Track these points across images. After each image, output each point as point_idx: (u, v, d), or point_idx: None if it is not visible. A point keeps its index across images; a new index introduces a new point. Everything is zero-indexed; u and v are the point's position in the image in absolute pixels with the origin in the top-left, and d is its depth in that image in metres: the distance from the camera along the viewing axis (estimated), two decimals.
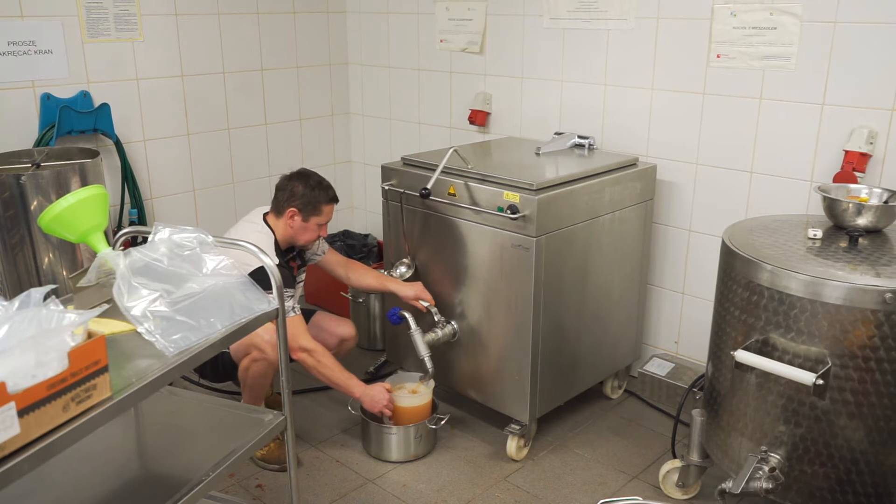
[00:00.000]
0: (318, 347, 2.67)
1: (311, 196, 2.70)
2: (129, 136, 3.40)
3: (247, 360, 2.64)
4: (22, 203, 2.74)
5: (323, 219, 2.74)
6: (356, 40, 4.17)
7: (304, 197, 2.70)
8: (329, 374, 2.68)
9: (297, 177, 2.75)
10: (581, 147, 3.18)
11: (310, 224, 2.73)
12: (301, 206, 2.70)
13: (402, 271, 2.93)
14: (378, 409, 2.75)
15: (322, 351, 2.67)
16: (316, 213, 2.72)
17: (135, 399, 1.46)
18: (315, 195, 2.71)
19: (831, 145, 2.65)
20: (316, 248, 2.96)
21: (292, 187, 2.71)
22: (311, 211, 2.71)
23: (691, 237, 3.09)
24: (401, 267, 2.94)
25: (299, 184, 2.72)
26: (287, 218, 2.71)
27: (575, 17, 3.21)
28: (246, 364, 2.65)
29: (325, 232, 2.80)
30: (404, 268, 2.93)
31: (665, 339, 3.28)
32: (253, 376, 2.65)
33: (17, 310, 1.39)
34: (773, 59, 2.71)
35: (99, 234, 1.86)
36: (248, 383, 2.68)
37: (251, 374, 2.65)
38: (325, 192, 2.73)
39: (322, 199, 2.72)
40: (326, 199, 2.74)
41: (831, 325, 1.96)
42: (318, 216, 2.72)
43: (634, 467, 2.79)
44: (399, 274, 2.92)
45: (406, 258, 2.95)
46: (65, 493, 1.72)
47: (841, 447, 2.03)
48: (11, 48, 3.00)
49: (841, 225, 2.30)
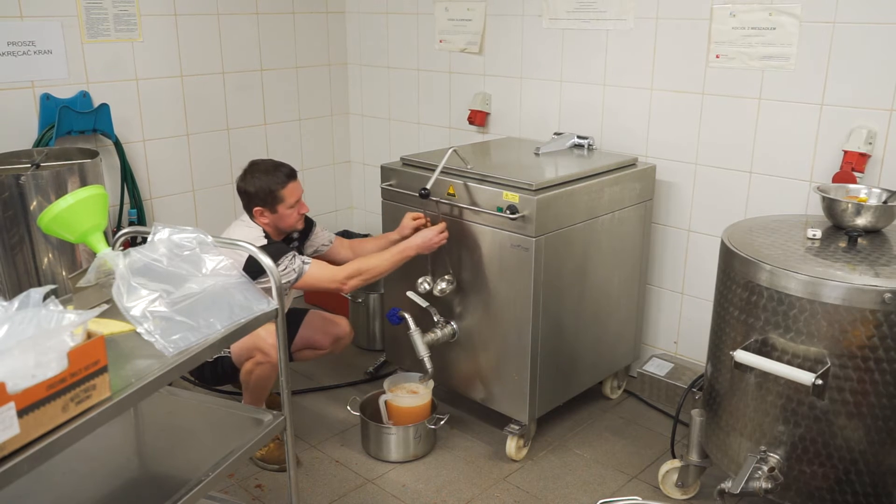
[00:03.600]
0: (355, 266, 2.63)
1: (262, 188, 2.62)
2: (128, 137, 3.40)
3: (250, 363, 2.63)
4: (21, 203, 2.74)
5: (290, 200, 2.64)
6: (355, 40, 4.17)
7: (258, 193, 2.62)
8: (383, 270, 2.66)
9: (245, 175, 2.67)
10: (580, 147, 3.18)
11: (281, 212, 2.65)
12: (262, 202, 2.63)
13: (442, 287, 2.79)
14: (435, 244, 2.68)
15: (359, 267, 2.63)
16: (278, 201, 2.63)
17: (134, 399, 1.46)
18: (265, 185, 2.62)
19: (830, 145, 2.65)
20: (319, 238, 2.92)
21: (244, 188, 2.65)
22: (273, 201, 2.63)
23: (690, 237, 3.10)
24: (441, 283, 2.80)
25: (248, 182, 2.65)
26: (259, 217, 2.67)
27: (574, 17, 3.21)
28: (249, 367, 2.64)
29: (304, 208, 2.71)
30: (445, 283, 2.79)
31: (664, 339, 3.28)
32: (256, 379, 2.64)
33: (17, 310, 1.39)
34: (773, 60, 2.71)
35: (98, 235, 1.86)
36: (251, 386, 2.68)
37: (254, 377, 2.64)
38: (274, 178, 2.62)
39: (275, 185, 2.62)
40: (280, 181, 2.63)
41: (830, 325, 1.96)
42: (284, 201, 2.64)
43: (634, 467, 2.79)
44: (440, 290, 2.79)
45: (448, 274, 2.81)
46: (64, 493, 1.72)
47: (840, 447, 2.03)
48: (11, 48, 3.00)
49: (840, 225, 2.30)
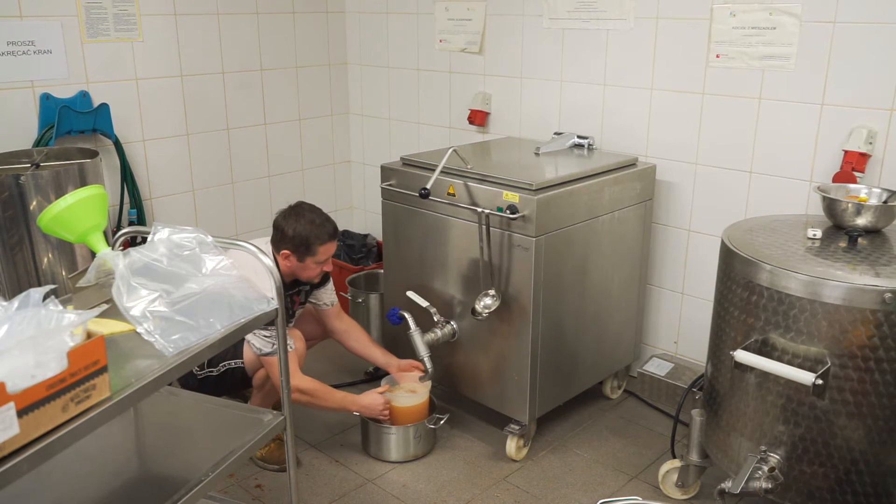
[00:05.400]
0: (313, 386, 2.63)
1: (303, 237, 2.55)
2: (128, 137, 3.40)
3: (263, 371, 2.66)
4: (21, 203, 2.74)
5: (320, 258, 2.60)
6: (355, 40, 4.17)
7: (296, 238, 2.55)
8: (325, 406, 2.70)
9: (290, 214, 2.59)
10: (580, 147, 3.18)
11: (306, 264, 2.60)
12: (293, 248, 2.57)
13: (486, 303, 2.67)
14: (375, 415, 2.78)
15: (316, 389, 2.64)
16: (310, 253, 2.58)
17: (134, 399, 1.46)
18: (308, 236, 2.56)
19: (831, 145, 2.65)
20: (326, 296, 2.90)
21: (284, 227, 2.57)
22: (305, 252, 2.57)
23: (691, 237, 3.09)
24: (486, 298, 2.67)
25: (291, 224, 2.57)
26: (282, 258, 2.59)
27: (574, 17, 3.21)
28: (264, 374, 2.67)
29: (329, 267, 2.67)
30: (490, 299, 2.67)
31: (664, 339, 3.28)
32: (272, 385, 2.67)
33: (17, 310, 1.39)
34: (773, 59, 2.71)
35: (98, 235, 1.86)
36: (266, 390, 2.71)
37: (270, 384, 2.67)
38: (319, 232, 2.57)
39: (316, 240, 2.56)
40: (321, 239, 2.57)
41: (831, 325, 1.96)
42: (314, 256, 2.59)
43: (634, 467, 2.79)
44: (484, 305, 2.66)
45: (491, 289, 2.68)
46: (64, 493, 1.72)
47: (840, 447, 2.03)
48: (11, 48, 3.00)
49: (840, 225, 2.30)
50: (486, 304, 2.68)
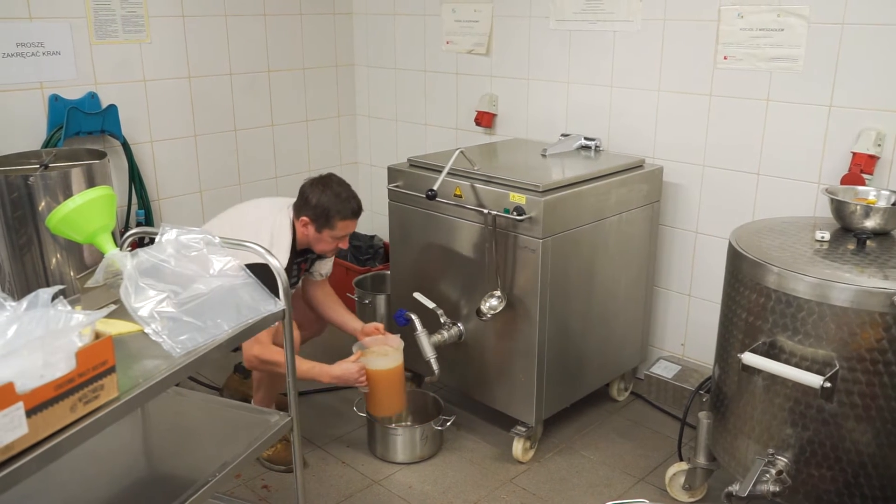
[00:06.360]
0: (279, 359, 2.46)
1: (325, 208, 2.53)
2: (136, 138, 3.41)
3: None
4: (30, 204, 2.76)
5: (338, 233, 2.58)
6: (362, 42, 4.18)
7: (318, 208, 2.53)
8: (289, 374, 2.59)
9: (318, 183, 2.57)
10: (587, 148, 3.17)
11: (323, 236, 2.58)
12: (313, 217, 2.55)
13: (492, 304, 2.66)
14: (351, 383, 2.64)
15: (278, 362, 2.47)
16: (329, 226, 2.56)
17: (142, 399, 1.47)
18: (330, 208, 2.53)
19: (839, 147, 2.64)
20: (325, 267, 2.90)
21: (308, 195, 2.56)
22: (324, 223, 2.56)
23: (698, 239, 3.09)
24: (491, 299, 2.66)
25: (316, 193, 2.55)
26: (301, 225, 2.59)
27: (581, 18, 3.21)
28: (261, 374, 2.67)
29: (345, 244, 2.64)
30: (495, 300, 2.65)
31: (671, 341, 3.27)
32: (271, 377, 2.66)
33: (26, 310, 1.40)
34: (781, 61, 2.70)
35: (106, 235, 1.87)
36: (266, 384, 2.70)
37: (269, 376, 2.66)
38: (342, 207, 2.54)
39: (337, 214, 2.54)
40: (342, 214, 2.54)
41: (839, 328, 1.95)
42: (332, 230, 2.57)
43: (641, 470, 2.78)
44: (489, 307, 2.66)
45: (497, 290, 2.66)
46: (71, 493, 1.73)
47: (849, 450, 2.02)
48: (20, 49, 3.01)
49: (848, 227, 2.29)
50: (491, 306, 2.67)
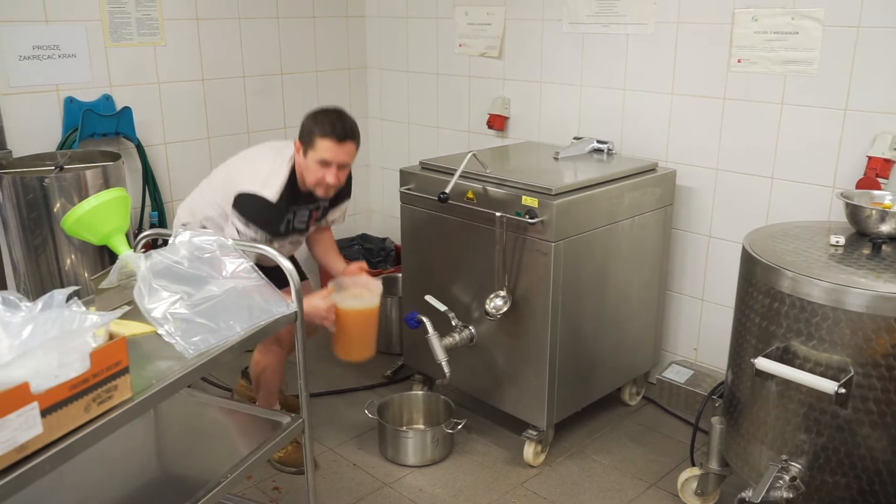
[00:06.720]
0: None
1: (307, 127, 2.40)
2: (149, 140, 3.43)
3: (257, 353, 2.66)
4: (45, 205, 2.78)
5: (318, 154, 2.39)
6: (375, 44, 4.19)
7: (303, 127, 2.41)
8: None
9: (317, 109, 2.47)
10: (600, 152, 3.17)
11: (308, 161, 2.42)
12: (301, 138, 2.42)
13: (497, 304, 2.65)
14: (318, 321, 2.43)
15: None
16: (311, 146, 2.40)
17: (155, 400, 1.48)
18: (312, 125, 2.39)
19: (854, 151, 2.62)
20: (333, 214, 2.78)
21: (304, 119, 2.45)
22: (308, 143, 2.40)
23: (711, 243, 3.07)
24: (496, 299, 2.65)
25: (310, 114, 2.43)
26: (297, 153, 2.46)
27: (594, 21, 3.20)
28: (257, 358, 2.67)
29: (333, 176, 2.43)
30: (500, 300, 2.64)
31: (684, 345, 3.25)
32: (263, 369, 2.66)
33: (41, 311, 1.41)
34: (795, 64, 2.69)
35: (120, 237, 1.88)
36: (263, 379, 2.70)
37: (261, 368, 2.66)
38: (322, 123, 2.38)
39: (317, 130, 2.38)
40: (322, 131, 2.37)
41: (854, 333, 1.93)
42: (314, 151, 2.40)
43: (652, 475, 2.77)
44: (494, 307, 2.64)
45: (502, 290, 2.65)
46: (84, 493, 1.74)
47: (863, 457, 2.00)
48: (36, 52, 3.04)
49: (864, 232, 2.28)
50: (496, 306, 2.66)
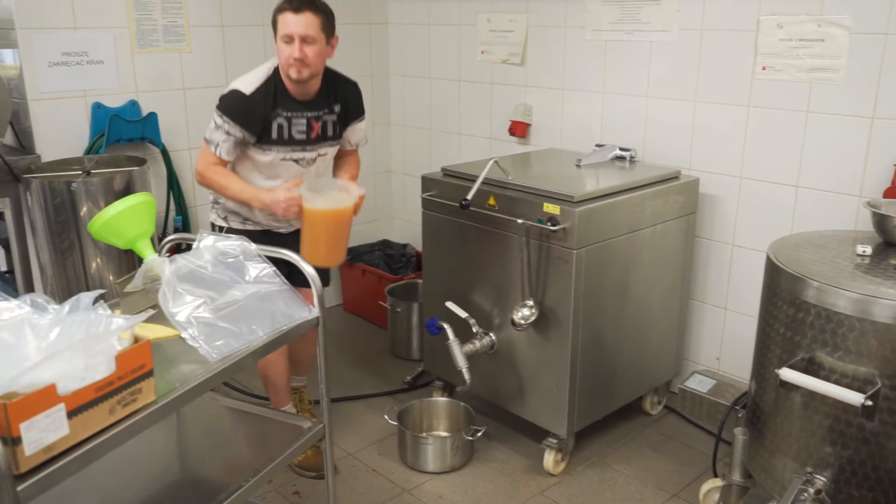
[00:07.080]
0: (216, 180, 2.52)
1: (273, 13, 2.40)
2: (174, 145, 3.47)
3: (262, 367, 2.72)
4: (72, 209, 2.82)
5: (280, 31, 2.38)
6: (398, 51, 4.20)
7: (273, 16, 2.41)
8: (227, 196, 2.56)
9: None
10: (622, 159, 3.15)
11: (277, 45, 2.41)
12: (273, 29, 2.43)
13: (525, 313, 2.64)
14: (279, 213, 2.42)
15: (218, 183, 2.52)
16: (275, 29, 2.41)
17: (178, 404, 1.49)
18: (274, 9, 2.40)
19: (881, 159, 2.58)
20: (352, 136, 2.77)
21: None
22: (273, 28, 2.41)
23: (735, 252, 3.04)
24: (524, 309, 2.64)
25: None
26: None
27: (617, 28, 3.19)
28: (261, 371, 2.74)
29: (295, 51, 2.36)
30: (528, 310, 2.63)
31: (706, 354, 3.22)
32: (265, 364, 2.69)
33: (68, 313, 1.43)
34: (821, 72, 2.66)
35: (146, 241, 1.91)
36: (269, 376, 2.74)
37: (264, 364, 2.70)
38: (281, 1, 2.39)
39: (276, 10, 2.39)
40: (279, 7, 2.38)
41: (881, 345, 1.90)
42: (277, 31, 2.40)
43: (674, 485, 2.74)
44: (522, 316, 2.63)
45: (530, 300, 2.66)
46: (108, 494, 1.76)
47: (891, 471, 1.96)
48: (65, 59, 3.09)
49: (891, 241, 2.24)
50: (524, 315, 2.66)
